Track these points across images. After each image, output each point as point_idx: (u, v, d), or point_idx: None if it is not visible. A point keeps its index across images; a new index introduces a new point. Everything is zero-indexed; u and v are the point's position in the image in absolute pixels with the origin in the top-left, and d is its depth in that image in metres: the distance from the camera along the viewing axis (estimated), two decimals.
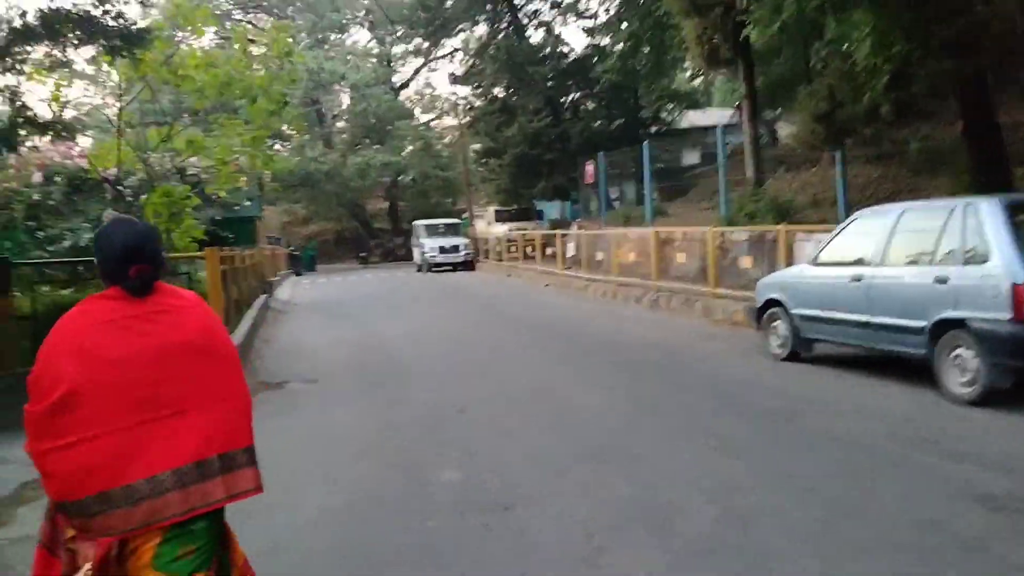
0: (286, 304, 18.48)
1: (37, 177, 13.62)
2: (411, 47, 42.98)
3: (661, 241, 14.57)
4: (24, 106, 6.99)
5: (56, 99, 7.95)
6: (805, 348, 8.01)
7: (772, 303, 8.36)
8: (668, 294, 13.44)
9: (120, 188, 10.04)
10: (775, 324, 8.30)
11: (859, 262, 7.21)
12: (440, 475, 4.87)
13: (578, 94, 28.06)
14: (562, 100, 28.48)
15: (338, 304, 17.96)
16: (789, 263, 10.52)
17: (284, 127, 13.33)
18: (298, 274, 34.18)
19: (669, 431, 5.60)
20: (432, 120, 47.84)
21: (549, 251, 22.21)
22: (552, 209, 31.43)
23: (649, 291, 14.23)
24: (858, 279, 7.09)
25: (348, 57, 42.98)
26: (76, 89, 35.15)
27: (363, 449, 5.61)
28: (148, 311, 2.18)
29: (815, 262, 7.93)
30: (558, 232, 21.66)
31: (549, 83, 27.65)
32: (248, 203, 17.17)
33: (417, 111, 47.55)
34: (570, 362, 8.65)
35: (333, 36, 45.09)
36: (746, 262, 11.95)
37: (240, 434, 2.22)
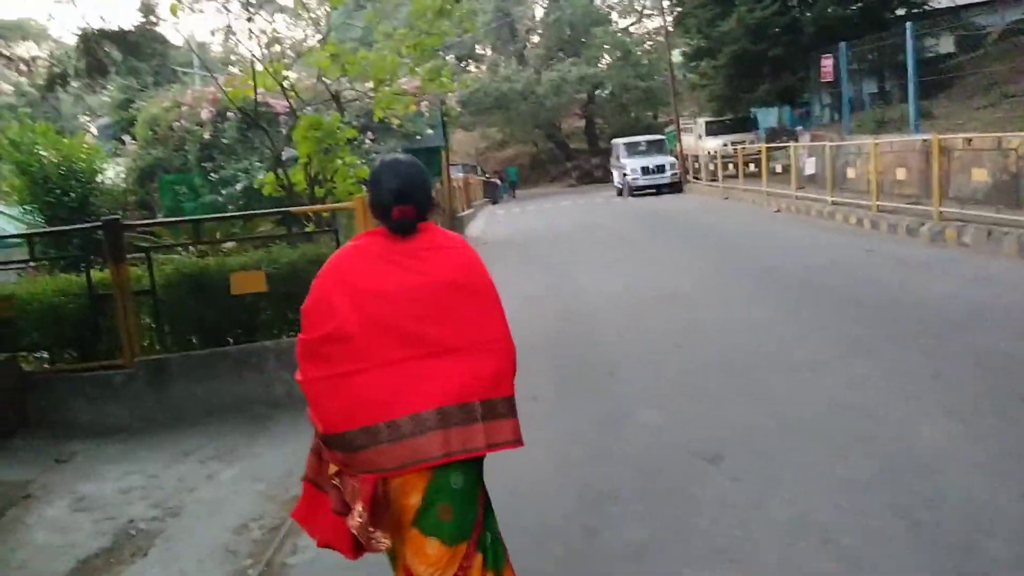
0: (476, 242, 16.77)
1: (206, 114, 12.59)
2: None
3: (943, 151, 10.97)
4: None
5: (173, 11, 6.29)
6: None
7: None
8: (957, 224, 10.03)
9: (257, 119, 8.35)
10: None
11: None
12: None
13: None
14: None
15: (531, 242, 15.96)
16: None
17: (460, 33, 10.99)
18: (494, 202, 33.07)
19: None
20: (632, 24, 43.78)
21: (777, 168, 18.69)
22: (768, 116, 27.06)
23: (927, 219, 10.81)
24: None
25: None
26: (280, 24, 35.69)
27: (561, 558, 3.39)
28: (414, 248, 2.16)
29: None
30: (792, 144, 18.01)
31: None
32: (430, 132, 15.28)
33: (614, 15, 43.64)
34: (866, 348, 5.70)
35: None
36: None
37: (503, 382, 2.16)
